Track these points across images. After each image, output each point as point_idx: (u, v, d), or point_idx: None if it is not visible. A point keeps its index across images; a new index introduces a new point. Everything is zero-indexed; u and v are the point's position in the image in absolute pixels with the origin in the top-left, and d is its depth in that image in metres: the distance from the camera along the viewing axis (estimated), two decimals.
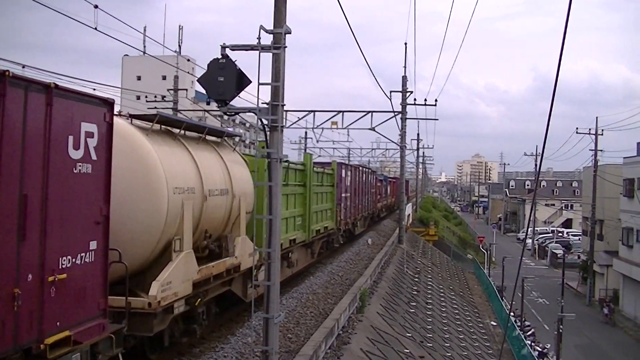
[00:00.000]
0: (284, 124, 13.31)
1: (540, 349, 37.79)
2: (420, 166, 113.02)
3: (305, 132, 69.93)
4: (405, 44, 77.62)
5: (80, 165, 9.36)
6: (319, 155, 70.44)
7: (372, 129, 38.65)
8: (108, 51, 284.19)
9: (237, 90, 12.16)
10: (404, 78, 42.78)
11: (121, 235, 11.44)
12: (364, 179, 44.17)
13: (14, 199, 8.08)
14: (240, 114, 38.39)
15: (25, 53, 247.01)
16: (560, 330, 36.79)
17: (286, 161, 23.15)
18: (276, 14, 12.00)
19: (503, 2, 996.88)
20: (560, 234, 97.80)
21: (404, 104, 42.06)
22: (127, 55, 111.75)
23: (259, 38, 11.78)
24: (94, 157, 9.69)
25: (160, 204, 12.53)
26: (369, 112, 38.34)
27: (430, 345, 23.79)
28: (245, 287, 17.68)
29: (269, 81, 12.06)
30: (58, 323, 8.94)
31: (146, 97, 47.09)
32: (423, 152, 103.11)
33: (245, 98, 42.50)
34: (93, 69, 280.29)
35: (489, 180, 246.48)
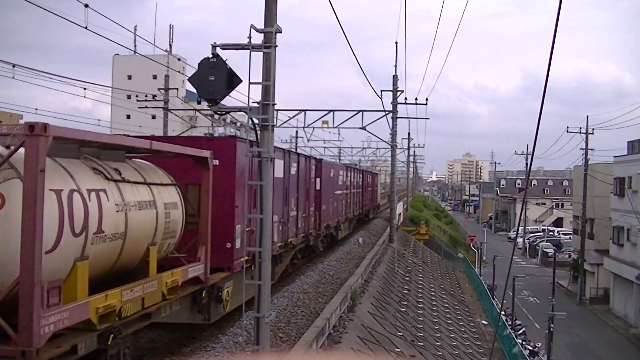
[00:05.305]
0: (275, 123, 13.31)
1: (531, 348, 37.87)
2: (411, 165, 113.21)
3: (296, 132, 69.89)
4: (396, 43, 77.26)
5: None
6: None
7: (363, 128, 38.68)
8: (98, 50, 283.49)
9: (227, 90, 12.17)
10: (395, 77, 42.77)
11: None
12: None
13: None
14: (231, 113, 38.41)
15: (14, 52, 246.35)
16: (551, 329, 36.89)
17: None
18: (267, 14, 11.99)
19: (493, 1, 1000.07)
20: (551, 233, 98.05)
21: (394, 103, 42.06)
22: (117, 54, 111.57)
23: (249, 37, 11.79)
24: None
25: None
26: (359, 111, 38.40)
27: (421, 344, 23.82)
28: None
29: (260, 80, 12.06)
30: None
31: (137, 96, 46.98)
32: (414, 151, 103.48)
33: (236, 97, 42.51)
34: (83, 68, 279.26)
35: (480, 179, 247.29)
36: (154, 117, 70.81)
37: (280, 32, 12.06)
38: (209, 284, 14.94)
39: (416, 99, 43.34)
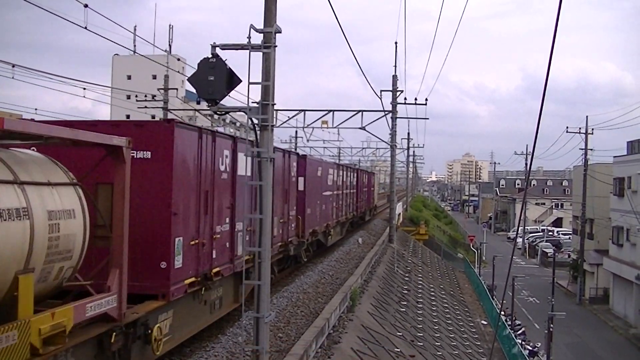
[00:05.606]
0: (275, 123, 13.29)
1: (530, 348, 37.90)
2: (411, 165, 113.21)
3: (296, 132, 70.04)
4: (396, 43, 77.50)
5: None
6: (310, 155, 70.21)
7: (363, 128, 38.69)
8: (98, 50, 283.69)
9: (227, 90, 12.14)
10: (394, 77, 42.81)
11: None
12: None
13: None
14: (230, 113, 38.44)
15: (14, 52, 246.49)
16: (551, 329, 36.90)
17: None
18: (266, 14, 11.98)
19: (492, 1, 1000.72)
20: (550, 233, 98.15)
21: (394, 103, 42.09)
22: (117, 54, 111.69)
23: (249, 37, 11.77)
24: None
25: None
26: (359, 111, 38.42)
27: (421, 344, 23.82)
28: None
29: (259, 80, 12.04)
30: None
31: (136, 96, 46.98)
32: (413, 151, 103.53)
33: (236, 97, 42.50)
34: (83, 68, 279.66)
35: (480, 179, 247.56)
36: (153, 117, 70.81)
37: (280, 32, 12.05)
38: (127, 320, 11.08)
39: (416, 99, 43.42)
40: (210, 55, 12.07)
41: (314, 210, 29.05)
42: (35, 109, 40.64)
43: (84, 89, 33.06)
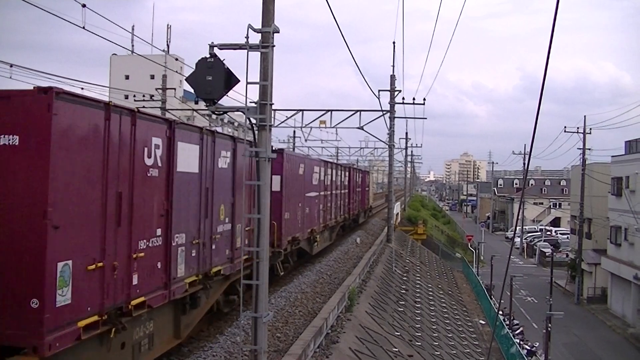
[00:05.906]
0: (273, 123, 13.28)
1: (528, 348, 37.90)
2: (409, 165, 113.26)
3: (294, 131, 69.94)
4: (394, 43, 77.68)
5: None
6: (308, 155, 70.22)
7: (361, 127, 38.67)
8: (96, 50, 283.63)
9: (225, 90, 12.12)
10: (392, 77, 42.79)
11: None
12: None
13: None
14: (228, 113, 38.38)
15: (12, 52, 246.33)
16: (549, 329, 36.90)
17: None
18: (264, 13, 11.97)
19: (490, 1, 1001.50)
20: (548, 233, 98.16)
21: (392, 103, 42.08)
22: (115, 54, 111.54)
23: (247, 37, 11.76)
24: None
25: None
26: (357, 111, 38.39)
27: (419, 344, 23.82)
28: None
29: (257, 80, 12.03)
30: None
31: (134, 96, 46.91)
32: (412, 151, 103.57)
33: (234, 97, 42.49)
34: (81, 68, 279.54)
35: (478, 178, 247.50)
36: None
37: (278, 32, 12.04)
38: None
39: (414, 98, 43.38)
40: (208, 55, 12.06)
41: (294, 214, 25.44)
42: None
43: (82, 88, 33.03)
